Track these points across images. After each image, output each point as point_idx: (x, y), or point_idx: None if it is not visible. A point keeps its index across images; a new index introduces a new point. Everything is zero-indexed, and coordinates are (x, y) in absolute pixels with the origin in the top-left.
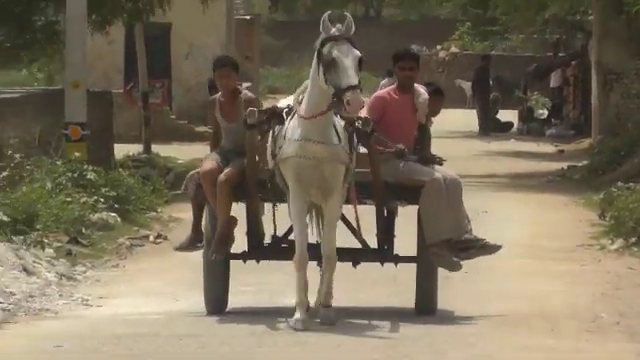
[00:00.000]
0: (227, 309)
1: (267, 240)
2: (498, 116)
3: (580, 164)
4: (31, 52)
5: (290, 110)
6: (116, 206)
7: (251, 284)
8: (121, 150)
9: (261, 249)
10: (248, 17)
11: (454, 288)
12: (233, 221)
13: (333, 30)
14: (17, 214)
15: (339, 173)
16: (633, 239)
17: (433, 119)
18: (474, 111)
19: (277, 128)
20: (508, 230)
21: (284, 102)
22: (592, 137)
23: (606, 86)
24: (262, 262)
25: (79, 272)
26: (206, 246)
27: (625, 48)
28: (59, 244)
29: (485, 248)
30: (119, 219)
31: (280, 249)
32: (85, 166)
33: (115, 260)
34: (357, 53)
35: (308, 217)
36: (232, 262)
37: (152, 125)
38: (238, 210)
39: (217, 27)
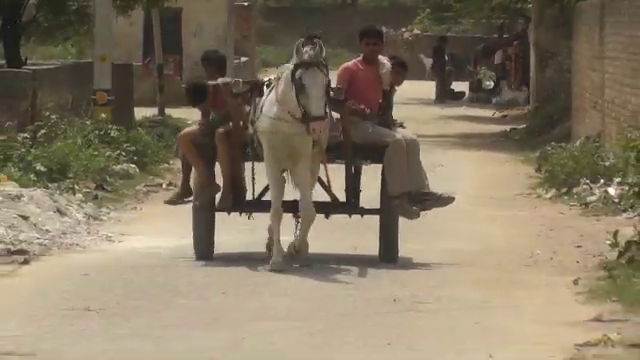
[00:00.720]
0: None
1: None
2: (452, 87)
3: (520, 127)
4: (65, 31)
5: (269, 85)
6: (135, 159)
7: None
8: (139, 112)
9: (243, 203)
10: (246, 3)
11: (413, 231)
12: (217, 187)
13: (305, 56)
14: (52, 165)
15: (307, 144)
16: (564, 189)
17: (397, 88)
18: (432, 82)
19: (257, 99)
20: (458, 182)
21: (266, 78)
22: (530, 105)
23: (542, 63)
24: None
25: (104, 213)
26: (195, 197)
27: (558, 31)
28: (87, 190)
29: (440, 200)
30: (137, 169)
31: (259, 203)
32: (109, 125)
33: (134, 204)
34: (324, 80)
35: (286, 177)
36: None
37: (165, 92)
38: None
39: (220, 11)
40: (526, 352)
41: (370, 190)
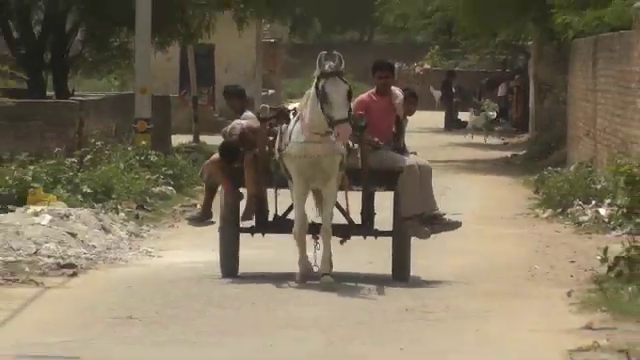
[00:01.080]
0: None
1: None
2: (459, 117)
3: (520, 153)
4: (109, 65)
5: (295, 112)
6: (172, 182)
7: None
8: (176, 140)
9: (266, 224)
10: (272, 40)
11: (424, 249)
12: (240, 195)
13: (326, 67)
14: (97, 187)
15: (335, 163)
16: (559, 210)
17: (409, 118)
18: (441, 112)
19: (283, 127)
20: (465, 202)
21: (290, 106)
22: (529, 133)
23: (540, 95)
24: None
25: (144, 231)
26: (222, 219)
27: (555, 66)
28: (129, 209)
29: (449, 225)
30: (174, 191)
31: (281, 225)
32: (149, 151)
33: (171, 222)
34: (345, 87)
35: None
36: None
37: (199, 121)
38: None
39: (249, 48)
40: (523, 357)
41: (383, 213)
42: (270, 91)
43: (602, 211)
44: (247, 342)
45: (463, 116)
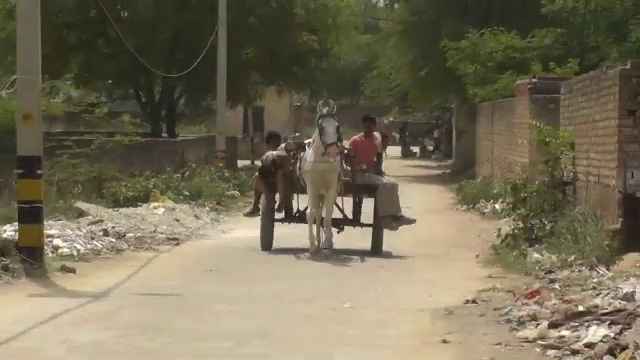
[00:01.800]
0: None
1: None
2: (411, 149)
3: (447, 171)
4: (200, 118)
5: (308, 145)
6: (237, 188)
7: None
8: (240, 163)
9: (291, 217)
10: (299, 104)
11: (391, 232)
12: (274, 199)
13: (323, 110)
14: (193, 191)
15: (334, 177)
16: (471, 205)
17: (384, 152)
18: (399, 147)
19: (301, 154)
20: (414, 201)
21: (306, 141)
22: (453, 159)
23: (459, 136)
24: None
25: (221, 218)
26: (262, 215)
27: (468, 119)
28: (212, 205)
29: (408, 221)
30: (239, 194)
31: (301, 217)
32: (224, 170)
33: (237, 213)
34: (335, 123)
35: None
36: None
37: (254, 152)
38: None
39: (285, 108)
40: (450, 293)
41: (368, 211)
42: (297, 134)
43: (497, 206)
44: (280, 285)
45: (413, 149)
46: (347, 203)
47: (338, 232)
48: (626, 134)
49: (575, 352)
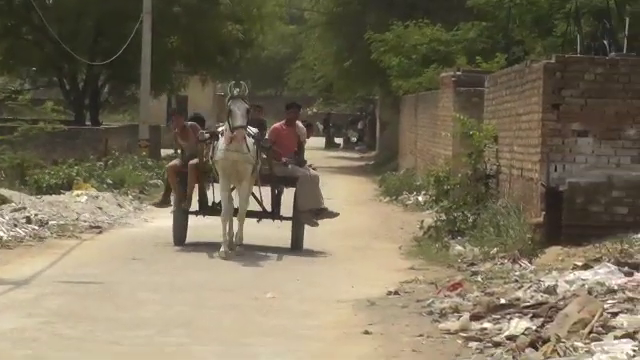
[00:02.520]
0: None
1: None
2: (334, 140)
3: (370, 163)
4: (124, 107)
5: (222, 133)
6: (160, 177)
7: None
8: (164, 152)
9: (206, 209)
10: (222, 93)
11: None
12: (187, 194)
13: (234, 92)
14: (116, 179)
15: (247, 169)
16: (394, 197)
17: (306, 140)
18: (322, 138)
19: (215, 143)
20: (337, 192)
21: (220, 128)
22: (377, 151)
23: (383, 128)
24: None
25: (144, 207)
26: (174, 206)
27: (392, 111)
28: (134, 193)
29: (330, 214)
30: (162, 183)
31: (216, 209)
32: (147, 159)
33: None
34: (245, 106)
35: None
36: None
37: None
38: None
39: (208, 98)
40: (372, 285)
41: (289, 204)
42: (220, 124)
43: (420, 198)
44: (201, 274)
45: (337, 140)
46: (266, 194)
47: (258, 221)
48: (549, 128)
49: (497, 344)
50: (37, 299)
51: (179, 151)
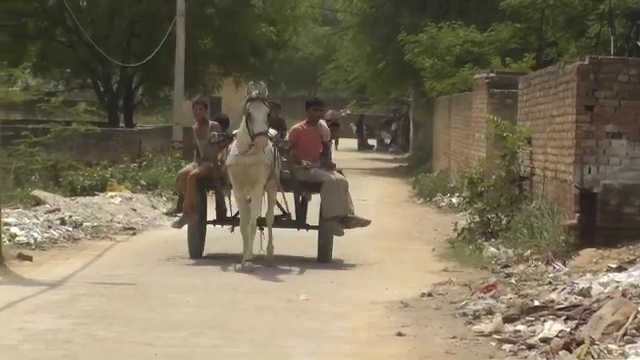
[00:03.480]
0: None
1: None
2: (368, 142)
3: (404, 164)
4: (158, 109)
5: (235, 136)
6: None
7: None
8: None
9: (224, 219)
10: (278, 102)
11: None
12: (194, 208)
13: (253, 93)
14: (150, 181)
15: (260, 171)
16: (427, 199)
17: (333, 141)
18: (356, 139)
19: (229, 146)
20: (370, 193)
21: (234, 131)
22: (410, 152)
23: (417, 130)
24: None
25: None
26: (187, 217)
27: (426, 112)
28: (168, 195)
29: (360, 222)
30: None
31: (235, 219)
32: (181, 160)
33: None
34: (266, 109)
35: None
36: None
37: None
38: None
39: (241, 99)
40: (406, 287)
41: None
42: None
43: (454, 200)
44: (235, 276)
45: (370, 142)
46: (291, 200)
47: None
48: (583, 129)
49: (531, 347)
50: (71, 300)
51: (195, 152)
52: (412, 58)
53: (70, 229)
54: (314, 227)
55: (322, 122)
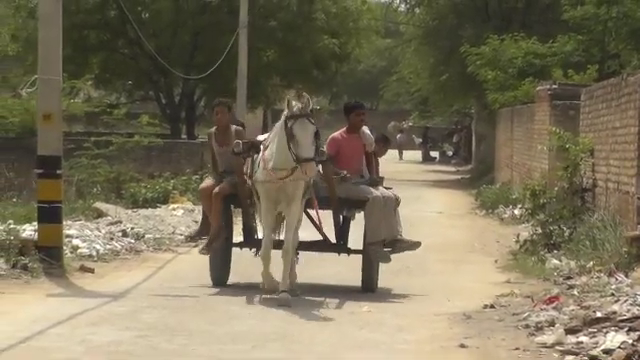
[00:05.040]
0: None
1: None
2: (430, 154)
3: (466, 176)
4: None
5: (263, 145)
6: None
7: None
8: None
9: (253, 240)
10: (318, 107)
11: (405, 230)
12: (221, 230)
13: (294, 109)
14: None
15: (299, 189)
16: (490, 210)
17: (379, 159)
18: (419, 151)
19: (255, 156)
20: (433, 204)
21: (261, 137)
22: (472, 164)
23: (479, 141)
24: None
25: (239, 220)
26: (209, 241)
27: (488, 124)
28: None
29: (410, 245)
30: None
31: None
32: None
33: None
34: (313, 128)
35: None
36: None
37: None
38: (237, 212)
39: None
40: (468, 298)
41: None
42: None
43: (516, 211)
44: (298, 287)
45: (432, 154)
46: (330, 219)
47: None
48: None
49: (593, 358)
50: (133, 312)
51: (212, 163)
52: (474, 70)
53: (132, 241)
54: (357, 251)
55: (365, 129)
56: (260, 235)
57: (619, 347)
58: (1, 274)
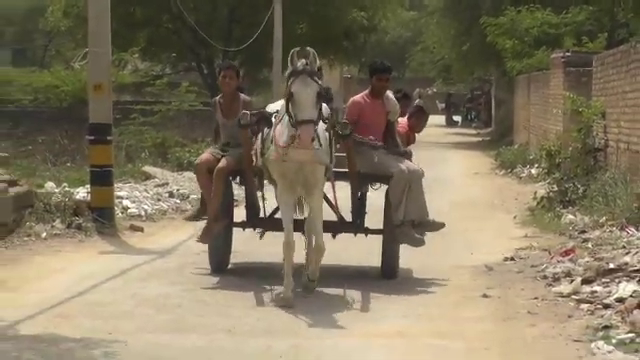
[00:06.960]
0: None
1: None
2: (453, 118)
3: (486, 139)
4: (258, 89)
5: (275, 117)
6: None
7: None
8: None
9: (257, 220)
10: (349, 76)
11: (432, 191)
12: (219, 216)
13: (298, 65)
14: None
15: (319, 172)
16: (509, 170)
17: (399, 119)
18: (443, 116)
19: (265, 130)
20: (454, 166)
21: (272, 107)
22: (492, 127)
23: (498, 106)
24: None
25: None
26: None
27: (507, 90)
28: None
29: (434, 226)
30: None
31: (272, 220)
32: None
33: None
34: (315, 87)
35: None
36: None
37: None
38: (238, 189)
39: (336, 80)
40: (489, 252)
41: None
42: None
43: (533, 171)
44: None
45: (455, 118)
46: (344, 193)
47: (333, 237)
48: None
49: (606, 306)
50: (180, 268)
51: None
52: (493, 39)
53: (178, 201)
54: (377, 231)
55: (389, 94)
56: (263, 214)
57: (631, 296)
58: (57, 233)
